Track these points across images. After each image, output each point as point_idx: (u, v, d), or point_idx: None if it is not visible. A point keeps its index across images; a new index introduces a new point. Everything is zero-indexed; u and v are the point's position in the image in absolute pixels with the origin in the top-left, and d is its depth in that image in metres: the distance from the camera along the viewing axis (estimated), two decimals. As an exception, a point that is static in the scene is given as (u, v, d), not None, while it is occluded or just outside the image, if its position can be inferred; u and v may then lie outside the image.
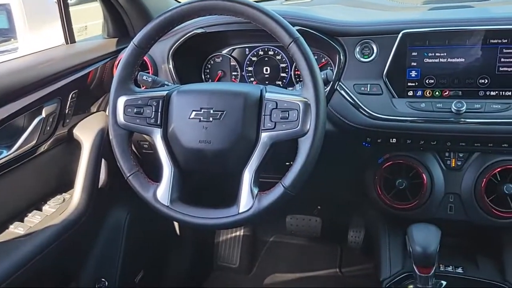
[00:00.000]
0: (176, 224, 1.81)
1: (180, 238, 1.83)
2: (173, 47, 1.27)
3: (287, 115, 0.93)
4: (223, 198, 1.02)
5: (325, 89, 1.17)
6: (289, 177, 0.92)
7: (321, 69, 1.18)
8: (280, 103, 0.95)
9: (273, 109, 0.95)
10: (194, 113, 0.97)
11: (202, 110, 0.97)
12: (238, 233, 1.99)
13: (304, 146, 0.92)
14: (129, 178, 1.00)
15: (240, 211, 0.94)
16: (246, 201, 0.94)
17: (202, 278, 1.92)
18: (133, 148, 1.41)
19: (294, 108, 0.93)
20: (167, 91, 1.02)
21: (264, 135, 0.95)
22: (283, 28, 0.93)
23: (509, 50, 1.04)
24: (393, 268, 1.21)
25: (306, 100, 0.92)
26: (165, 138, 1.00)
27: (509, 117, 1.03)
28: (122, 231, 1.47)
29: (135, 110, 1.00)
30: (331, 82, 1.16)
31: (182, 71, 1.31)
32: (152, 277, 1.67)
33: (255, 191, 0.95)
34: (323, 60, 1.26)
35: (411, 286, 1.03)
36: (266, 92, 0.98)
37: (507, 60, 1.04)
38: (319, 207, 1.93)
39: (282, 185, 0.93)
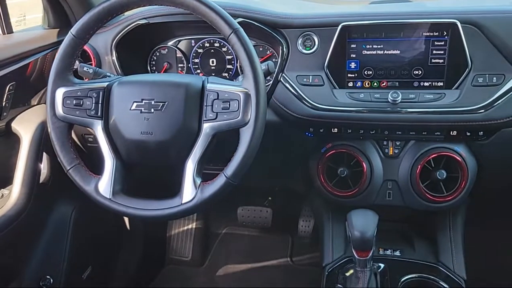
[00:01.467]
0: (126, 218, 1.79)
1: (131, 232, 1.80)
2: (116, 38, 1.25)
3: (228, 106, 0.94)
4: (167, 189, 1.02)
5: (270, 80, 1.20)
6: (231, 167, 0.93)
7: (267, 60, 1.22)
8: (222, 94, 0.96)
9: (214, 99, 0.96)
10: (135, 104, 0.97)
11: (143, 101, 0.97)
12: (190, 226, 1.99)
13: (245, 136, 0.93)
14: (69, 171, 0.98)
15: (183, 202, 0.95)
16: (189, 192, 0.95)
17: (154, 272, 1.91)
18: (78, 142, 1.38)
19: (235, 98, 0.94)
20: (108, 82, 1.00)
21: (206, 126, 0.95)
22: (223, 19, 0.94)
23: (440, 43, 1.09)
24: (335, 253, 1.26)
25: (246, 90, 0.94)
26: (106, 130, 0.99)
27: (440, 107, 1.08)
28: (68, 226, 1.44)
29: (74, 102, 0.99)
30: (275, 74, 1.19)
31: (127, 63, 1.29)
32: (101, 273, 1.64)
33: (198, 181, 0.96)
34: (268, 52, 1.27)
35: (352, 270, 1.07)
36: (208, 83, 0.99)
37: (438, 52, 1.10)
38: (269, 198, 1.96)
39: (224, 175, 0.94)
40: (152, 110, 0.96)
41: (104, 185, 0.97)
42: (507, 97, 1.05)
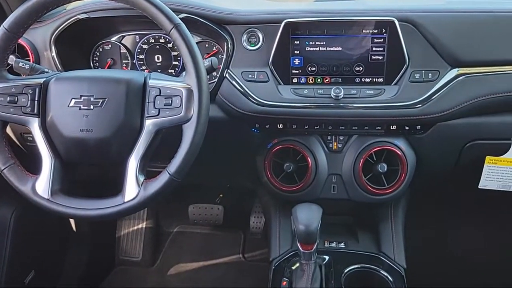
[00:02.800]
0: (72, 219, 1.73)
1: (77, 234, 1.75)
2: (55, 33, 1.21)
3: (170, 102, 0.94)
4: (110, 188, 1.00)
5: (215, 76, 1.20)
6: (174, 164, 0.93)
7: (213, 57, 1.21)
8: (164, 90, 0.95)
9: (156, 95, 0.95)
10: (73, 101, 0.94)
11: (82, 97, 0.94)
12: (140, 226, 1.96)
13: (188, 132, 0.93)
14: (4, 172, 0.94)
15: (125, 200, 0.94)
16: (131, 190, 0.94)
17: (102, 274, 1.87)
18: (17, 141, 1.33)
19: (177, 94, 0.94)
20: (45, 79, 0.97)
21: (148, 122, 0.94)
22: (163, 14, 0.92)
23: (379, 40, 1.12)
24: (282, 248, 1.27)
25: (189, 86, 0.93)
26: (44, 128, 0.95)
27: (380, 102, 1.12)
28: (8, 229, 1.38)
29: (8, 99, 0.95)
30: (220, 70, 1.18)
31: (68, 59, 1.25)
32: (45, 278, 1.59)
33: (141, 179, 0.95)
34: (214, 49, 1.27)
35: (298, 264, 1.09)
36: (150, 79, 0.97)
37: (378, 49, 1.13)
38: (221, 195, 1.96)
39: (168, 172, 0.93)
40: (92, 106, 0.94)
41: (42, 185, 0.94)
42: (442, 93, 1.10)
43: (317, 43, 1.15)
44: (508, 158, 1.17)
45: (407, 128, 1.16)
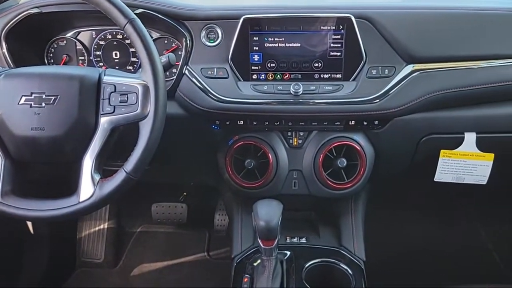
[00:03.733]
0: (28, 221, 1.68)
1: (35, 236, 1.70)
2: (5, 28, 1.16)
3: (126, 99, 0.92)
4: (65, 188, 0.97)
5: (174, 73, 1.18)
6: (131, 162, 0.91)
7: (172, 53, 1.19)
8: (119, 86, 0.93)
9: (111, 92, 0.93)
10: (24, 98, 0.91)
11: (33, 95, 0.91)
12: (102, 226, 1.92)
13: (145, 129, 0.91)
14: None
15: (80, 200, 0.91)
16: (86, 189, 0.92)
17: (63, 277, 1.81)
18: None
19: (133, 91, 0.92)
20: None
21: (103, 120, 0.92)
22: (117, 9, 0.91)
23: (337, 37, 1.14)
24: (244, 244, 1.27)
25: (145, 83, 0.92)
26: None
27: (339, 97, 1.13)
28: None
29: None
30: (179, 66, 1.17)
31: (20, 56, 1.20)
32: (1, 281, 1.53)
33: (97, 178, 0.93)
34: (173, 45, 1.25)
35: (259, 260, 1.09)
36: (104, 75, 0.95)
37: (336, 45, 1.14)
38: (185, 193, 1.94)
39: (124, 171, 0.91)
40: (43, 104, 0.91)
41: (-9, 186, 0.91)
42: (398, 88, 1.12)
43: (276, 39, 1.15)
44: (462, 151, 1.21)
45: (365, 123, 1.18)
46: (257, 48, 1.16)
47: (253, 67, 1.17)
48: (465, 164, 1.22)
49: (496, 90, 1.15)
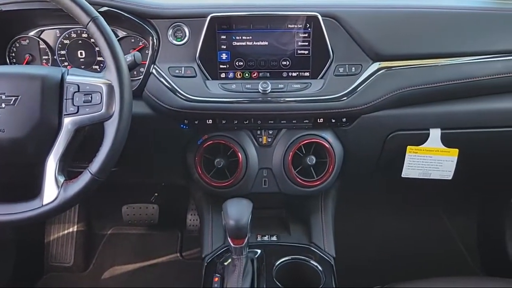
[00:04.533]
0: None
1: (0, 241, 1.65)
2: (-36, 28, 1.12)
3: (90, 99, 0.90)
4: (28, 191, 0.95)
5: (142, 71, 1.17)
6: (96, 163, 0.90)
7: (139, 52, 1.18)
8: (83, 86, 0.91)
9: (75, 92, 0.91)
10: (-18, 99, 0.88)
11: None
12: (71, 229, 1.88)
13: (110, 129, 0.90)
14: None
15: (44, 203, 0.89)
16: (50, 192, 0.89)
17: (31, 283, 1.77)
18: None
19: (97, 91, 0.90)
20: None
21: (67, 121, 0.91)
22: (79, 7, 0.89)
23: (304, 35, 1.14)
24: (214, 244, 1.27)
25: (109, 82, 0.90)
26: None
27: (307, 95, 1.14)
28: None
29: None
30: (146, 65, 1.16)
31: (-21, 55, 1.17)
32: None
33: (61, 180, 0.91)
34: (140, 44, 1.23)
35: (230, 259, 1.09)
36: (67, 75, 0.93)
37: (303, 44, 1.15)
38: (156, 194, 1.92)
39: (89, 172, 0.90)
40: (3, 105, 0.89)
41: (-51, 190, 0.87)
42: (365, 86, 1.14)
43: (243, 37, 1.15)
44: (427, 147, 1.23)
45: (333, 120, 1.19)
46: (225, 47, 1.15)
47: (221, 66, 1.16)
48: (431, 159, 1.25)
49: (459, 87, 1.18)
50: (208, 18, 1.12)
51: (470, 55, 1.19)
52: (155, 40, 1.16)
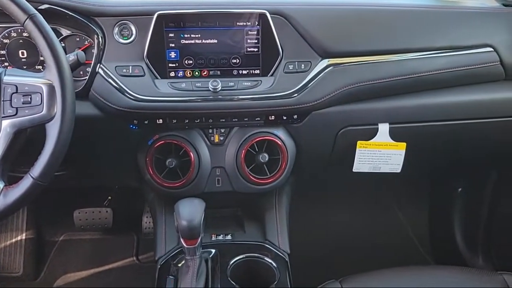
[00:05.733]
0: None
1: None
2: None
3: (29, 100, 0.87)
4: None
5: (87, 71, 1.13)
6: (38, 166, 0.86)
7: (84, 52, 1.14)
8: (21, 87, 0.87)
9: (13, 93, 0.87)
10: None
11: None
12: (19, 237, 1.80)
13: (52, 131, 0.86)
14: None
15: None
16: (-12, 198, 0.85)
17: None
18: None
19: (37, 91, 0.87)
20: None
21: (5, 123, 0.87)
22: (15, 4, 0.85)
23: (253, 33, 1.14)
24: (168, 245, 1.25)
25: (50, 82, 0.87)
26: None
27: (257, 93, 1.14)
28: None
29: None
30: (92, 65, 1.12)
31: None
32: None
33: (1, 185, 0.86)
34: (86, 43, 1.19)
35: (184, 261, 1.07)
36: (4, 75, 0.89)
37: (253, 41, 1.15)
38: (109, 197, 1.87)
39: (31, 176, 0.86)
40: None
41: None
42: (314, 82, 1.15)
43: (192, 35, 1.13)
44: (377, 142, 1.26)
45: (285, 118, 1.20)
46: (173, 45, 1.13)
47: (170, 65, 1.15)
48: (380, 154, 1.28)
49: (404, 82, 1.21)
50: (155, 15, 1.10)
51: (415, 52, 1.22)
52: (100, 39, 1.12)
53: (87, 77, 1.12)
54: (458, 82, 1.25)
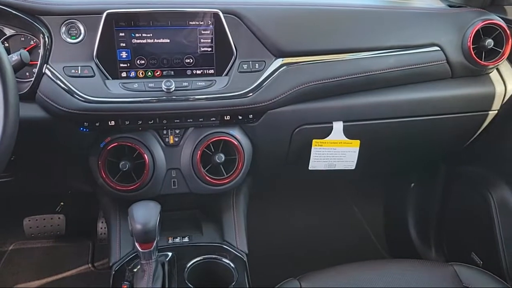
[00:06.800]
0: None
1: None
2: None
3: None
4: None
5: (34, 72, 1.08)
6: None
7: (30, 52, 1.09)
8: None
9: None
10: None
11: None
12: (-36, 249, 1.71)
13: (-6, 135, 0.82)
14: None
15: None
16: None
17: None
18: None
19: (-24, 93, 0.82)
20: None
21: None
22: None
23: (206, 32, 1.13)
24: (123, 250, 1.22)
25: (-9, 83, 0.82)
26: None
27: (212, 93, 1.13)
28: None
29: None
30: (38, 65, 1.08)
31: None
32: None
33: None
34: (32, 42, 1.14)
35: (139, 265, 1.04)
36: None
37: (206, 41, 1.14)
38: (62, 203, 1.80)
39: (-28, 182, 0.81)
40: None
41: None
42: (269, 82, 1.15)
43: (143, 35, 1.11)
44: (331, 140, 1.28)
45: (240, 117, 1.19)
46: (124, 45, 1.10)
47: (121, 65, 1.12)
48: (335, 151, 1.30)
49: (358, 81, 1.23)
50: (104, 14, 1.07)
51: (367, 51, 1.24)
52: (46, 39, 1.08)
53: (33, 79, 1.08)
54: (408, 80, 1.29)
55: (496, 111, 1.36)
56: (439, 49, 1.28)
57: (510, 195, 1.40)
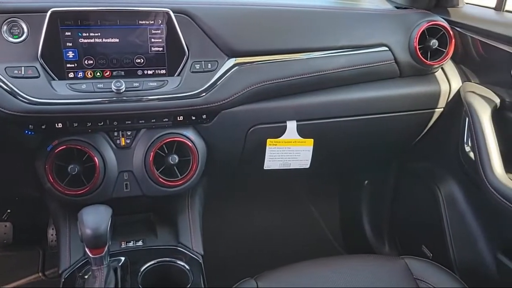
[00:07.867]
0: None
1: None
2: None
3: None
4: None
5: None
6: None
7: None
8: None
9: None
10: None
11: None
12: None
13: None
14: None
15: None
16: None
17: None
18: None
19: None
20: None
21: None
22: None
23: (157, 31, 1.11)
24: (73, 257, 1.17)
25: None
26: None
27: (164, 93, 1.11)
28: None
29: None
30: None
31: None
32: None
33: None
34: (-30, 42, 1.08)
35: (90, 272, 1.01)
36: None
37: (157, 40, 1.12)
38: (8, 210, 1.72)
39: None
40: None
41: None
42: (222, 82, 1.15)
43: (91, 34, 1.08)
44: (286, 139, 1.29)
45: (193, 118, 1.18)
46: (70, 44, 1.07)
47: (68, 65, 1.08)
48: (289, 150, 1.31)
49: (310, 80, 1.25)
50: (49, 13, 1.03)
51: (319, 50, 1.26)
52: (-14, 38, 1.03)
53: None
54: (358, 80, 1.32)
55: (442, 109, 1.41)
56: (388, 49, 1.31)
57: (457, 189, 1.46)
